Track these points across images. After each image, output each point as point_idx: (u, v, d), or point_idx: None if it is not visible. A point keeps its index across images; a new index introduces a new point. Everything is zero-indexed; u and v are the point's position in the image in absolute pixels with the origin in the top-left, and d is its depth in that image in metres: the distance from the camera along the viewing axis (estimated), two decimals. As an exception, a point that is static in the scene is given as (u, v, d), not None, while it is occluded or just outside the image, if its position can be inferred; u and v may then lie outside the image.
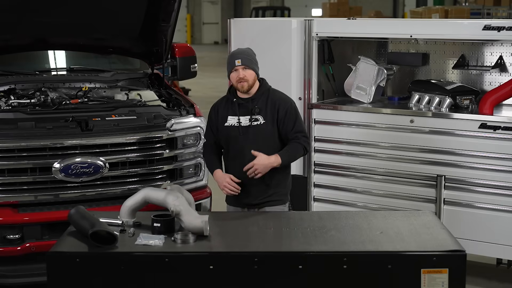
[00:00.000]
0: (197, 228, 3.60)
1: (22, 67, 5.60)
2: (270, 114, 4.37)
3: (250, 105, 4.38)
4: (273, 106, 4.38)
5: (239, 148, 4.38)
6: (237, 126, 4.39)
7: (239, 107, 4.40)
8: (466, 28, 5.34)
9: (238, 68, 4.32)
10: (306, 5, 33.71)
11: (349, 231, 3.75)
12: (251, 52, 4.45)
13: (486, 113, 5.11)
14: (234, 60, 4.33)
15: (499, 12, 18.39)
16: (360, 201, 5.54)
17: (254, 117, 4.37)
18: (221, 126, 4.44)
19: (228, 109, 4.43)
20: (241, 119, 4.39)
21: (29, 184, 4.68)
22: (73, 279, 3.41)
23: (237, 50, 4.46)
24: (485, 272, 5.46)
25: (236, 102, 4.41)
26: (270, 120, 4.37)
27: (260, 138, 4.36)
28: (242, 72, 4.32)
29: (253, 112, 4.37)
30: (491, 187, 5.07)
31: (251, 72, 4.35)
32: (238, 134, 4.38)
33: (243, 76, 4.32)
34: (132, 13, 5.55)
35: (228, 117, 4.42)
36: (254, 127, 4.36)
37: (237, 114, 4.40)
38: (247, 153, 4.30)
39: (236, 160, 4.38)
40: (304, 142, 4.40)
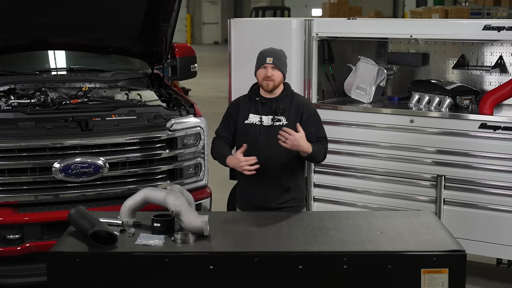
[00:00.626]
0: (197, 228, 3.60)
1: (22, 67, 5.60)
2: (293, 116, 4.32)
3: (274, 105, 4.33)
4: (297, 109, 4.34)
5: (258, 147, 4.30)
6: (259, 124, 4.33)
7: (262, 106, 4.35)
8: (466, 28, 5.34)
9: (267, 66, 4.28)
10: (306, 5, 33.72)
11: (349, 231, 3.75)
12: (283, 53, 4.40)
13: (486, 113, 5.12)
14: (265, 57, 4.29)
15: (499, 12, 18.39)
16: (360, 201, 5.54)
17: (277, 118, 4.32)
18: (240, 123, 4.38)
19: (250, 107, 4.38)
20: (263, 118, 4.33)
21: (29, 184, 4.68)
22: (73, 279, 3.41)
23: (270, 48, 4.40)
24: (485, 272, 5.47)
25: (259, 101, 4.36)
26: (293, 122, 4.30)
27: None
28: (271, 71, 4.28)
29: (277, 112, 4.32)
30: (491, 187, 5.07)
31: (279, 73, 4.30)
32: (259, 133, 4.32)
33: (271, 75, 4.27)
34: (132, 13, 5.55)
35: (250, 114, 4.37)
36: (276, 127, 4.28)
37: (259, 113, 4.34)
38: (266, 153, 4.26)
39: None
40: (325, 149, 4.39)
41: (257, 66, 4.34)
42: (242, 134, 4.38)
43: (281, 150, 4.22)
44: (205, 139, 5.24)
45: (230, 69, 6.07)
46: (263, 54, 4.34)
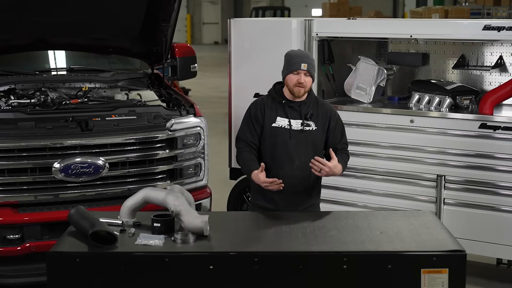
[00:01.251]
0: (197, 228, 3.60)
1: (22, 67, 5.60)
2: (321, 121, 4.24)
3: (302, 109, 4.21)
4: (325, 115, 4.26)
5: (288, 152, 4.19)
6: (288, 128, 4.20)
7: (290, 110, 4.22)
8: (466, 28, 5.35)
9: (301, 72, 4.13)
10: (306, 5, 33.72)
11: (349, 231, 3.75)
12: (313, 58, 4.33)
13: (486, 113, 5.12)
14: (300, 62, 4.14)
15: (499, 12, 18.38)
16: (360, 201, 5.54)
17: (306, 122, 4.21)
18: (267, 126, 4.23)
19: (277, 109, 4.23)
20: (292, 122, 4.20)
21: (29, 184, 4.68)
22: (73, 279, 3.41)
23: (302, 52, 4.29)
24: (485, 272, 5.47)
25: (286, 104, 4.23)
26: (321, 127, 4.24)
27: (310, 144, 4.22)
28: (304, 77, 4.14)
29: (307, 117, 4.22)
30: (492, 187, 5.07)
31: (311, 79, 4.19)
32: (289, 138, 4.19)
33: (303, 82, 4.14)
34: (132, 13, 5.55)
35: (278, 117, 4.22)
36: (306, 132, 4.20)
37: (287, 116, 4.21)
38: (296, 159, 4.17)
39: (283, 164, 4.20)
40: (348, 158, 4.34)
41: (289, 70, 4.18)
42: (270, 138, 4.23)
43: (311, 156, 4.13)
44: (205, 139, 5.24)
45: (230, 69, 6.07)
46: (296, 58, 4.19)
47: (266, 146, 4.26)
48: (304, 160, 4.18)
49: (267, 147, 4.26)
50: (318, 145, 4.26)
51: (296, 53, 4.27)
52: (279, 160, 4.21)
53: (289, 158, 4.20)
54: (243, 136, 4.29)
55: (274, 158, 4.23)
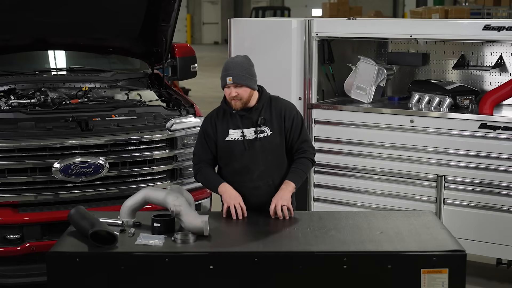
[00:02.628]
0: (197, 228, 3.60)
1: (22, 67, 5.60)
2: (276, 124, 4.08)
3: (253, 116, 4.06)
4: (279, 115, 4.09)
5: (245, 164, 4.06)
6: (242, 140, 4.05)
7: (241, 119, 4.06)
8: (466, 28, 5.34)
9: (230, 85, 3.98)
10: (306, 5, 33.73)
11: (349, 231, 3.75)
12: (246, 63, 4.06)
13: (486, 113, 5.12)
14: (225, 77, 3.99)
15: (499, 12, 18.39)
16: (360, 201, 5.54)
17: (259, 129, 4.06)
18: (221, 141, 4.09)
19: (228, 122, 4.08)
20: (245, 132, 4.05)
21: (29, 184, 4.68)
22: (73, 279, 3.41)
23: (230, 64, 4.04)
24: (485, 272, 5.46)
25: (237, 113, 4.06)
26: (278, 130, 4.08)
27: (268, 151, 4.07)
28: (234, 90, 3.98)
29: (259, 123, 4.05)
30: (491, 187, 5.07)
31: (245, 89, 3.99)
32: (244, 149, 4.05)
33: (236, 95, 3.98)
34: (132, 13, 5.55)
35: (230, 130, 4.07)
36: (261, 139, 4.05)
37: (240, 127, 4.06)
38: (255, 169, 4.05)
39: (243, 177, 4.08)
40: (310, 155, 4.16)
41: (222, 85, 4.04)
42: (225, 153, 4.11)
43: (271, 162, 4.07)
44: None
45: (230, 69, 6.06)
46: (223, 71, 4.02)
47: (223, 161, 4.15)
48: (264, 169, 4.08)
49: (224, 162, 4.14)
50: (277, 150, 4.11)
51: (225, 65, 4.05)
52: (238, 174, 4.09)
53: (248, 170, 4.07)
54: (197, 153, 4.20)
55: (233, 172, 4.11)
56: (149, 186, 4.50)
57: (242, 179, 4.08)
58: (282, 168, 4.15)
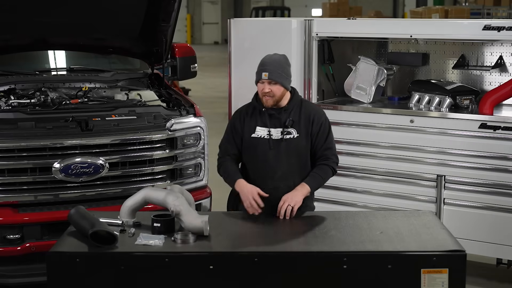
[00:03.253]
0: (197, 228, 3.60)
1: (22, 67, 5.60)
2: (304, 127, 4.07)
3: (282, 117, 4.06)
4: (307, 119, 4.08)
5: (268, 163, 4.06)
6: (267, 138, 4.05)
7: (270, 118, 4.07)
8: (466, 28, 5.35)
9: (264, 81, 4.00)
10: (306, 5, 33.73)
11: (349, 231, 3.75)
12: (283, 62, 4.08)
13: (486, 113, 5.12)
14: (261, 72, 4.00)
15: (499, 12, 18.38)
16: (360, 201, 5.54)
17: (286, 130, 4.05)
18: (247, 137, 4.11)
19: (257, 119, 4.09)
20: (272, 131, 4.05)
21: (29, 184, 4.68)
22: (73, 279, 3.42)
23: (268, 58, 4.09)
24: (485, 272, 5.46)
25: (266, 112, 4.08)
26: (304, 134, 4.07)
27: (292, 153, 4.07)
28: (268, 86, 3.99)
29: (287, 124, 4.06)
30: (491, 187, 5.07)
31: (278, 87, 4.00)
32: (268, 148, 4.05)
33: (269, 91, 3.99)
34: (132, 13, 5.55)
35: (257, 127, 4.08)
36: (287, 141, 4.05)
37: (267, 126, 4.07)
38: (277, 169, 4.05)
39: (265, 176, 4.07)
40: (332, 163, 4.14)
41: (256, 80, 4.07)
42: (249, 149, 4.12)
43: (294, 165, 4.06)
44: (205, 139, 5.24)
45: (230, 69, 6.07)
46: (260, 66, 4.06)
47: (247, 158, 4.17)
48: (286, 170, 4.07)
49: (248, 158, 4.16)
50: (302, 153, 4.11)
51: (263, 60, 4.10)
52: (260, 172, 4.10)
53: (270, 169, 4.07)
54: (223, 146, 4.24)
55: (255, 170, 4.13)
56: (149, 186, 4.50)
57: (264, 178, 4.09)
58: (305, 172, 4.12)
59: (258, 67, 4.08)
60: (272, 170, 4.08)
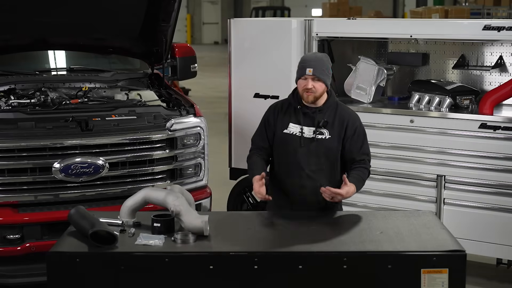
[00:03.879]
0: (197, 228, 3.60)
1: (22, 67, 5.60)
2: (337, 130, 4.04)
3: (316, 116, 4.04)
4: (341, 122, 4.06)
5: (297, 160, 4.04)
6: (299, 136, 4.04)
7: (304, 116, 4.06)
8: (466, 28, 5.35)
9: (308, 77, 3.97)
10: (306, 5, 33.73)
11: (349, 231, 3.75)
12: (325, 60, 4.07)
13: (486, 113, 5.12)
14: (306, 67, 3.98)
15: (499, 12, 18.39)
16: (360, 201, 5.54)
17: (319, 130, 4.04)
18: (279, 132, 4.10)
19: (291, 115, 4.08)
20: (304, 130, 4.04)
21: (29, 184, 4.68)
22: (73, 279, 3.41)
23: (311, 55, 4.12)
24: (485, 272, 5.47)
25: (301, 110, 4.06)
26: (337, 136, 4.04)
27: (322, 153, 4.04)
28: (312, 82, 3.97)
29: (320, 125, 4.04)
30: (491, 187, 5.07)
31: (321, 84, 3.99)
32: (299, 146, 4.04)
33: (311, 87, 3.97)
34: (132, 13, 5.55)
35: (290, 124, 4.07)
36: (318, 141, 4.03)
37: (300, 123, 4.05)
38: (305, 168, 4.03)
39: (292, 173, 4.07)
40: (369, 167, 4.14)
41: (298, 76, 4.04)
42: (280, 144, 4.12)
43: (322, 166, 4.04)
44: (205, 139, 5.24)
45: (230, 69, 6.07)
46: (303, 63, 4.04)
47: (277, 153, 4.16)
48: (314, 170, 4.05)
49: (278, 153, 4.15)
50: (332, 155, 4.08)
51: (306, 57, 4.13)
52: (288, 169, 4.09)
53: (298, 167, 4.05)
54: (255, 139, 4.23)
55: (284, 165, 4.12)
56: (149, 186, 4.50)
57: (292, 175, 4.08)
58: (333, 174, 4.10)
59: (301, 64, 4.05)
60: (300, 168, 4.06)
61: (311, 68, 3.98)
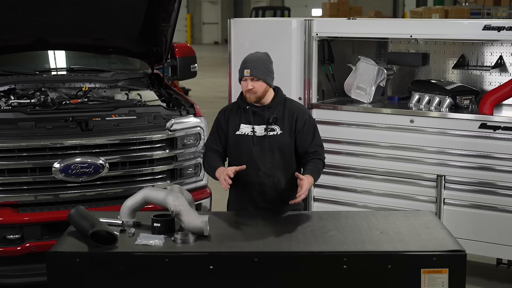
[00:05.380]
0: (197, 228, 3.60)
1: (22, 67, 5.60)
2: (287, 124, 4.12)
3: (266, 114, 4.12)
4: (291, 116, 4.13)
5: (253, 159, 4.10)
6: (251, 135, 4.11)
7: (253, 115, 4.13)
8: (466, 28, 5.34)
9: (247, 78, 4.06)
10: (306, 5, 33.72)
11: (349, 231, 3.75)
12: (265, 59, 4.13)
13: (486, 113, 5.12)
14: (244, 69, 4.07)
15: (499, 12, 18.39)
16: (360, 201, 5.54)
17: (270, 127, 4.11)
18: (231, 134, 4.16)
19: (241, 116, 4.15)
20: (256, 128, 4.11)
21: (29, 184, 4.68)
22: (73, 279, 3.41)
23: (249, 57, 4.13)
24: (485, 272, 5.46)
25: (250, 109, 4.13)
26: (288, 130, 4.11)
27: (276, 149, 4.11)
28: (251, 83, 4.05)
29: (270, 121, 4.11)
30: (491, 187, 5.07)
31: (261, 83, 4.06)
32: (252, 145, 4.11)
33: (251, 88, 4.05)
34: (132, 13, 5.55)
35: (241, 125, 4.14)
36: (270, 137, 4.10)
37: (251, 123, 4.12)
38: (262, 166, 4.09)
39: (250, 173, 4.09)
40: (323, 158, 4.19)
41: (239, 77, 4.12)
42: (234, 146, 4.18)
43: (278, 161, 4.11)
44: (205, 139, 5.24)
45: (230, 69, 6.07)
46: (242, 64, 4.11)
47: (232, 155, 4.21)
48: (271, 166, 4.11)
49: (233, 156, 4.20)
50: (286, 150, 4.13)
51: (245, 58, 4.14)
52: (245, 169, 4.07)
53: (255, 165, 4.10)
54: (210, 144, 4.29)
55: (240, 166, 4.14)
56: (149, 186, 4.50)
57: (249, 174, 4.11)
58: (289, 168, 4.16)
59: (241, 65, 4.13)
60: (256, 166, 4.12)
61: (248, 69, 4.05)
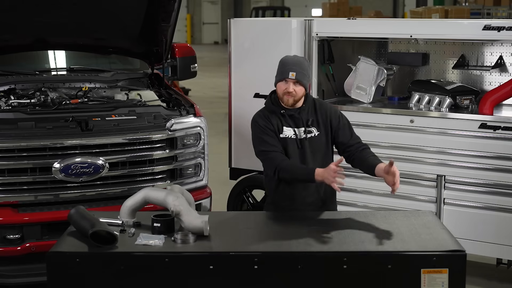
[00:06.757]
0: (197, 228, 3.60)
1: (22, 67, 5.60)
2: (322, 125, 4.15)
3: (302, 116, 4.12)
4: (324, 117, 4.16)
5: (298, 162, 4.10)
6: (295, 138, 4.11)
7: (291, 118, 4.12)
8: (466, 28, 5.35)
9: (289, 81, 4.02)
10: (306, 5, 33.73)
11: (349, 231, 3.75)
12: (307, 64, 4.15)
13: (486, 113, 5.12)
14: (288, 71, 4.02)
15: (499, 12, 18.38)
16: (360, 201, 5.54)
17: (308, 129, 4.13)
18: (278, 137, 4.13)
19: (280, 120, 4.12)
20: (297, 131, 4.12)
21: (29, 184, 4.68)
22: (73, 279, 3.41)
23: (293, 59, 4.11)
24: (485, 272, 5.47)
25: (286, 113, 4.12)
26: (324, 131, 4.15)
27: (316, 150, 4.14)
28: (293, 86, 4.02)
29: (309, 123, 4.12)
30: (491, 187, 5.07)
31: (301, 88, 4.06)
32: (297, 148, 4.11)
33: (292, 91, 4.02)
34: (132, 13, 5.55)
35: (284, 127, 4.12)
36: (310, 139, 4.12)
37: (291, 126, 4.12)
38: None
39: None
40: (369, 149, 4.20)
41: (278, 78, 4.08)
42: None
43: (320, 162, 4.09)
44: (205, 139, 5.24)
45: (230, 69, 6.07)
46: (285, 66, 4.06)
47: None
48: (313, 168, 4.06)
49: None
50: (324, 150, 4.18)
51: (288, 60, 4.12)
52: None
53: None
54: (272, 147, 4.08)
55: None
56: (149, 186, 4.50)
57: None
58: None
59: (282, 67, 4.08)
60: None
61: (294, 72, 4.02)
